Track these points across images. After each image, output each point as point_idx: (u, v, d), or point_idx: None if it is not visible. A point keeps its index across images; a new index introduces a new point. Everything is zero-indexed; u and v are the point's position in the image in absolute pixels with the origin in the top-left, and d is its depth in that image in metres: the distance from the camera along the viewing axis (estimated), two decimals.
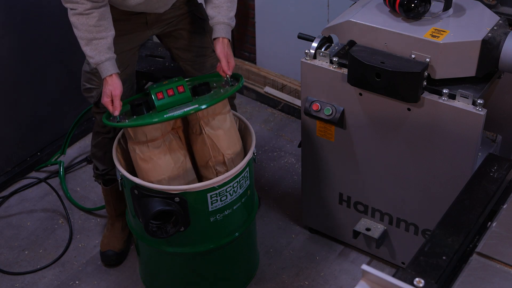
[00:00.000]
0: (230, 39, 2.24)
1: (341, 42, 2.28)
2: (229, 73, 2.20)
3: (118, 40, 2.20)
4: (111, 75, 2.09)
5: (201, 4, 2.42)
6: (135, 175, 2.20)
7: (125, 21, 2.24)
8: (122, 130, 2.30)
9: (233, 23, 2.23)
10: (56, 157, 3.13)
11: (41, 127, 3.13)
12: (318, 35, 2.28)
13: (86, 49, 2.08)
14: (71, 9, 2.04)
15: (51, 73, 3.06)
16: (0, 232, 2.81)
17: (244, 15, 3.59)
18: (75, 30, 2.07)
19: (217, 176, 2.17)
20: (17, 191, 3.00)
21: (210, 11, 2.23)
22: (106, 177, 2.54)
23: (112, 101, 2.08)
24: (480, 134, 2.03)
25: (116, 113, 2.09)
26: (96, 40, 2.06)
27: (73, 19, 2.05)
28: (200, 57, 2.44)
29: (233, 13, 2.24)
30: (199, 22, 2.41)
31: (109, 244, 2.64)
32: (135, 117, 2.12)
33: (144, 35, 2.34)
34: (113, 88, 2.09)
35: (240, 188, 2.18)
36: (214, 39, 2.20)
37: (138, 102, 2.14)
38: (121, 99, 2.11)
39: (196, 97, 2.18)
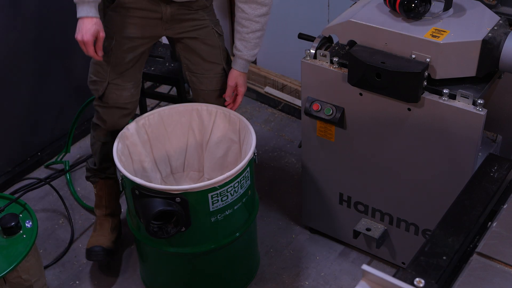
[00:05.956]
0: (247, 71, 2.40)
1: (341, 42, 2.28)
2: (228, 99, 2.41)
3: (131, 37, 2.18)
4: (96, 17, 2.08)
5: (218, 20, 2.42)
6: (135, 175, 2.20)
7: (139, 17, 2.20)
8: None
9: (255, 58, 2.37)
10: (61, 156, 3.13)
11: (41, 127, 3.13)
12: (318, 35, 2.28)
13: None
14: None
15: (51, 73, 3.06)
16: None
17: None
18: None
19: None
20: (18, 191, 3.00)
21: (237, 42, 2.31)
22: (103, 175, 2.54)
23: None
24: (481, 134, 2.03)
25: (100, 53, 2.11)
26: None
27: None
28: (208, 71, 2.41)
29: (258, 49, 2.35)
30: (216, 36, 2.38)
31: (97, 241, 2.55)
32: None
33: (158, 32, 2.29)
34: (100, 29, 2.09)
35: (241, 188, 2.18)
36: (231, 68, 2.38)
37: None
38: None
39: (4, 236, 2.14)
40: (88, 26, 2.07)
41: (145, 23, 2.24)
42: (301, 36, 2.43)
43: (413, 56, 2.03)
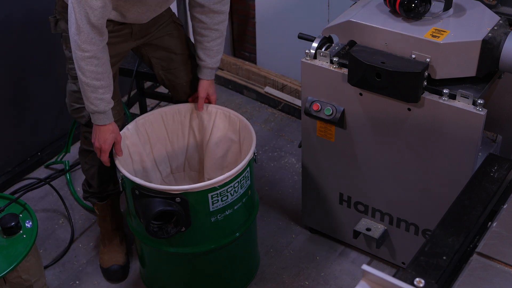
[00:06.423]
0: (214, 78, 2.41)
1: (341, 42, 2.28)
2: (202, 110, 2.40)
3: None
4: (111, 122, 2.14)
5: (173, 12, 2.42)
6: (135, 175, 2.20)
7: (115, 32, 2.19)
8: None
9: (219, 63, 2.37)
10: (61, 156, 3.13)
11: (41, 127, 3.13)
12: (318, 35, 2.28)
13: (91, 96, 2.05)
14: (84, 50, 1.97)
15: (51, 73, 3.06)
16: None
17: (244, 15, 3.59)
18: (80, 76, 2.02)
19: None
20: (18, 191, 3.00)
21: (199, 52, 2.32)
22: (104, 193, 2.51)
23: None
24: (481, 134, 2.03)
25: (121, 154, 2.19)
26: (103, 89, 2.05)
27: (82, 64, 1.99)
28: (181, 64, 2.41)
29: (220, 55, 2.35)
30: (179, 28, 2.40)
31: (111, 259, 2.56)
32: None
33: (127, 46, 2.29)
34: (117, 133, 2.17)
35: (241, 188, 2.18)
36: (199, 78, 2.38)
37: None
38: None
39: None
40: (106, 135, 2.14)
41: (116, 41, 2.22)
42: (301, 36, 2.43)
43: (413, 56, 2.03)
